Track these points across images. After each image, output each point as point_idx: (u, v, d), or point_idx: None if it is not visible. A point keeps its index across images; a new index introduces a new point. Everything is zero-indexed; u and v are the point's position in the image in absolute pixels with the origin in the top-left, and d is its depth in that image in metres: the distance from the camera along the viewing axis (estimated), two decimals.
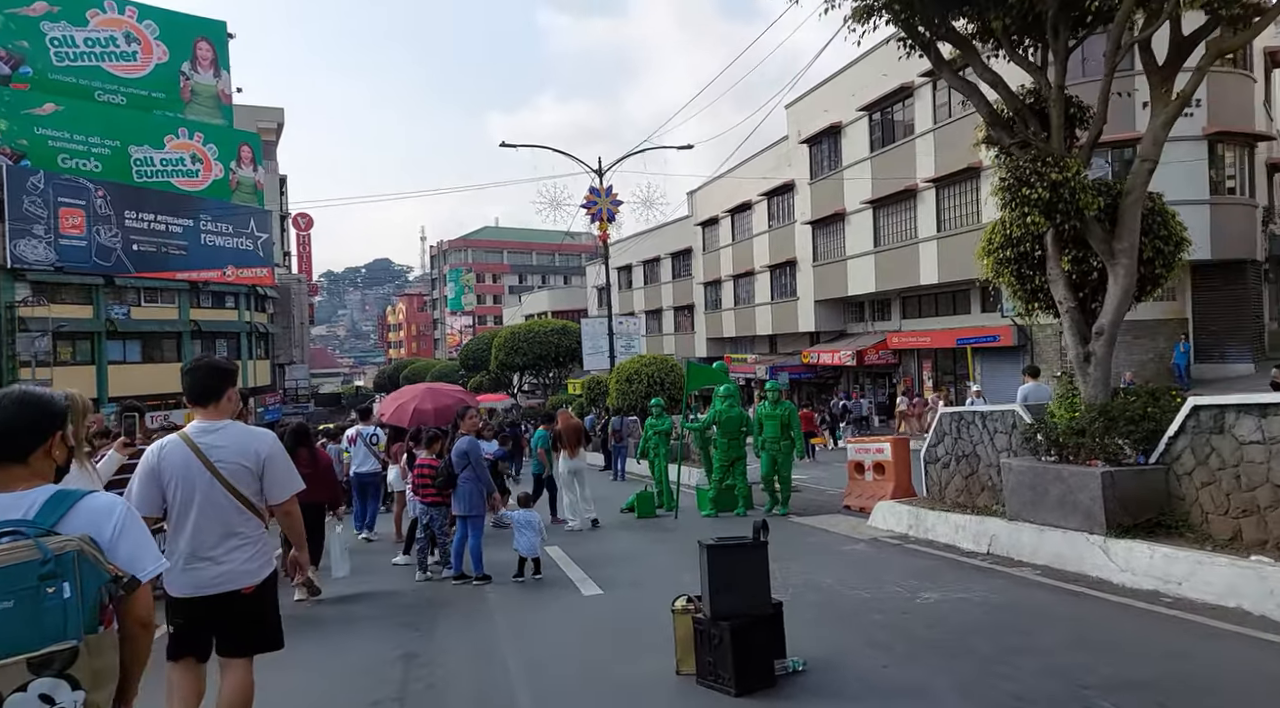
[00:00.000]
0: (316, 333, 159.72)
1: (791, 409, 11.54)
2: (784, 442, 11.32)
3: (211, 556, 3.38)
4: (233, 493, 3.43)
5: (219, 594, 3.36)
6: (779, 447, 11.31)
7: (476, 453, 8.33)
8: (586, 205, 24.91)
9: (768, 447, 11.33)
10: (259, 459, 3.52)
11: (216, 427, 3.51)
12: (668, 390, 20.74)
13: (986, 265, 7.78)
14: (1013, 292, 7.55)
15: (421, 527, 8.80)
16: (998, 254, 7.48)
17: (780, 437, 11.30)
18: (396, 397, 10.66)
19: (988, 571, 7.08)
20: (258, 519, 3.52)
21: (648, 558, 9.02)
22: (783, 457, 11.35)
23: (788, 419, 11.37)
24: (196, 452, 3.42)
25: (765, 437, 11.34)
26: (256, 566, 3.47)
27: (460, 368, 51.97)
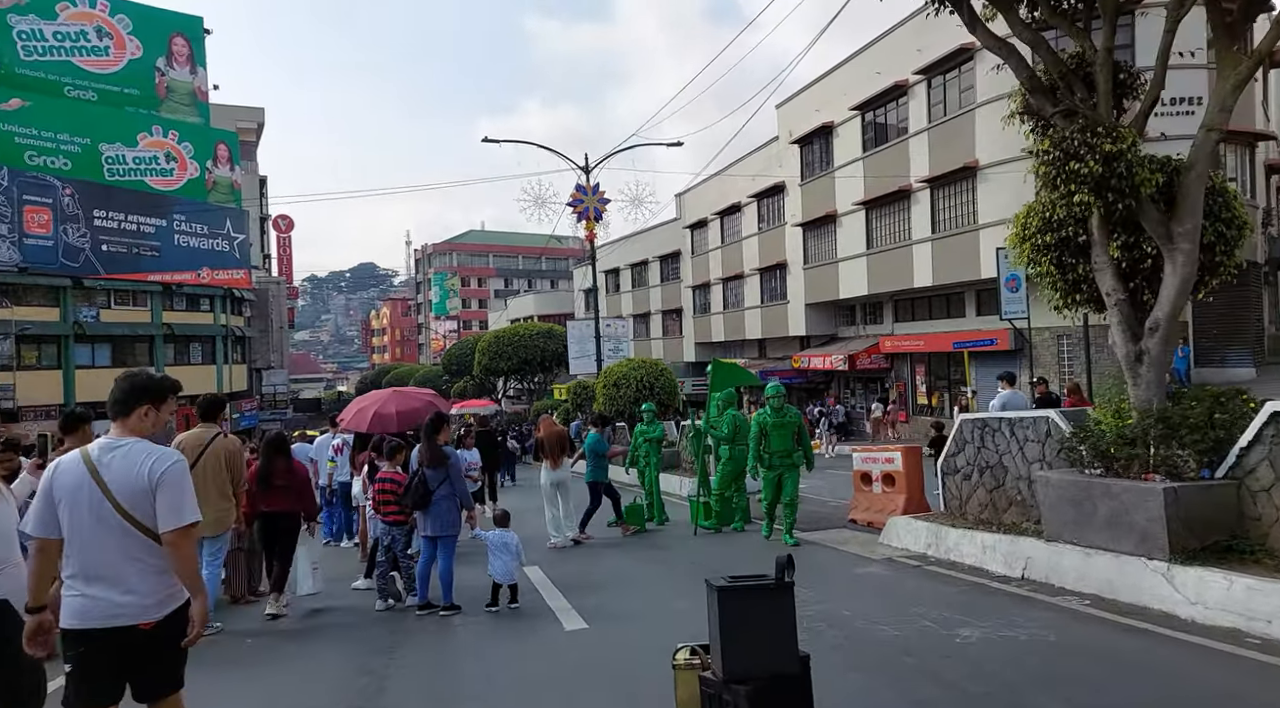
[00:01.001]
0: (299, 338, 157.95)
1: (798, 417, 9.76)
2: (795, 455, 9.53)
3: (105, 583, 3.07)
4: (125, 517, 3.11)
5: (113, 628, 3.04)
6: (787, 463, 9.46)
7: (456, 466, 7.39)
8: (573, 203, 24.00)
9: (774, 463, 9.45)
10: (151, 479, 3.14)
11: (118, 444, 3.21)
12: (657, 395, 19.83)
13: (1021, 253, 6.92)
14: (1052, 282, 6.69)
15: (382, 549, 7.84)
16: (1035, 240, 6.62)
17: (790, 450, 9.48)
18: (358, 402, 9.71)
19: (1027, 600, 6.20)
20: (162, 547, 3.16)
21: (638, 582, 8.09)
22: (791, 475, 9.51)
23: (797, 430, 9.60)
24: (92, 471, 3.14)
25: (771, 450, 9.45)
26: (156, 600, 3.13)
27: (444, 373, 50.85)
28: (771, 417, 9.50)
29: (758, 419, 9.59)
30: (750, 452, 9.69)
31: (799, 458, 9.54)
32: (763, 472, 9.62)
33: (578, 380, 27.43)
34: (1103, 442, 5.99)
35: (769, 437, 9.46)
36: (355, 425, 9.28)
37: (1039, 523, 7.37)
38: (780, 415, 9.51)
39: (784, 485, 9.48)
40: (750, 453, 9.69)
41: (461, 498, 7.38)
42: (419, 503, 7.26)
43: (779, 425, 9.45)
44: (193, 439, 6.87)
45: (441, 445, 7.32)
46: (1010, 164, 24.46)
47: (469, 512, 7.49)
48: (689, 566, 8.64)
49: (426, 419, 7.44)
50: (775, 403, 9.58)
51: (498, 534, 7.42)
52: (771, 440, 9.44)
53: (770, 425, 9.45)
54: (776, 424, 9.45)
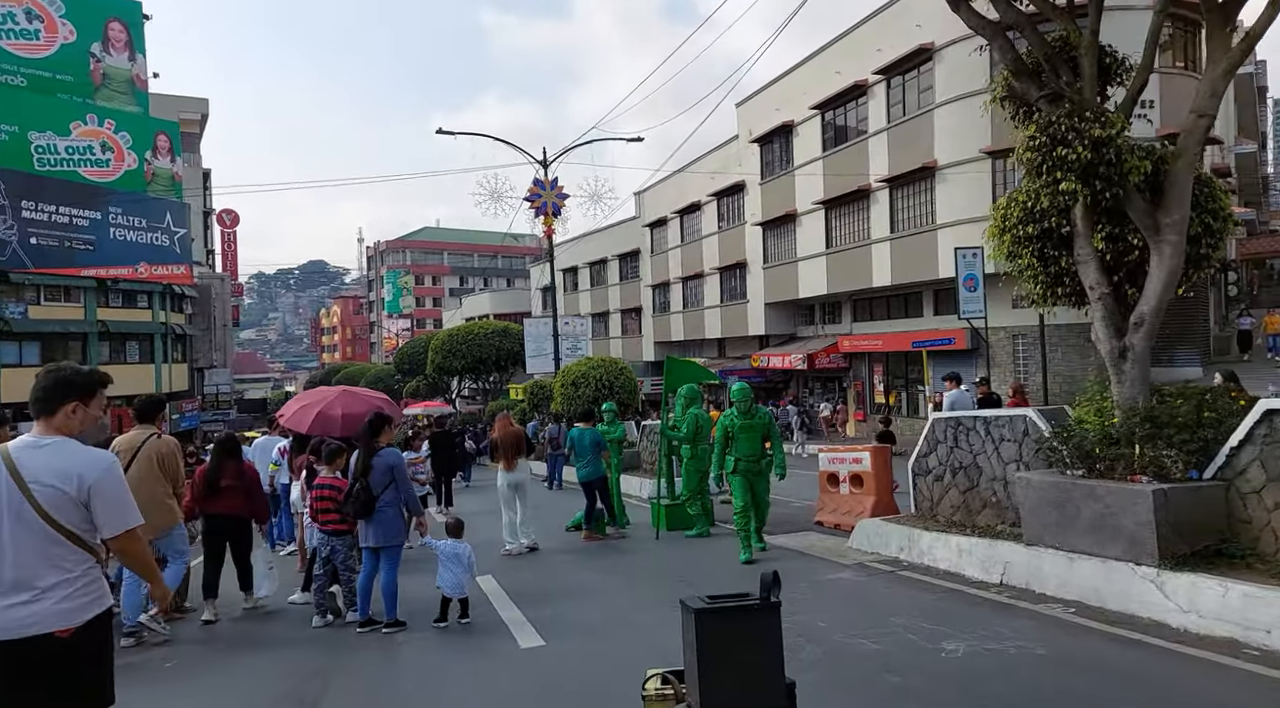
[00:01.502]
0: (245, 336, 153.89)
1: (768, 417, 8.96)
2: (764, 461, 8.72)
3: (21, 588, 2.87)
4: (46, 519, 2.91)
5: (29, 638, 2.83)
6: (757, 468, 8.67)
7: (402, 469, 6.85)
8: (530, 199, 23.39)
9: (741, 468, 8.62)
10: (81, 485, 2.95)
11: (42, 443, 3.02)
12: (617, 394, 19.36)
13: (1000, 246, 6.63)
14: (1033, 276, 6.41)
15: (321, 560, 7.25)
16: (1015, 231, 6.33)
17: (759, 454, 8.67)
18: (302, 398, 9.03)
19: (1009, 608, 5.89)
20: (85, 552, 2.99)
21: (598, 592, 7.63)
22: (761, 482, 8.76)
23: (767, 431, 8.82)
24: (11, 469, 2.93)
25: (739, 454, 8.62)
26: (75, 605, 2.93)
27: (396, 372, 49.69)
28: (739, 418, 8.73)
29: (724, 422, 8.81)
30: (715, 457, 8.88)
31: (768, 465, 8.76)
32: (730, 478, 8.72)
33: (534, 380, 26.83)
34: (1086, 441, 5.72)
35: (736, 440, 8.67)
36: (295, 425, 8.62)
37: (1015, 525, 7.11)
38: (748, 417, 8.75)
39: (756, 490, 8.70)
40: (715, 459, 8.87)
41: (408, 503, 6.86)
42: (361, 511, 6.70)
43: (747, 428, 8.68)
44: (126, 442, 6.71)
45: (377, 450, 6.77)
46: (968, 165, 24.59)
47: (418, 518, 6.96)
48: (652, 574, 8.22)
49: (368, 420, 6.88)
50: (742, 404, 8.82)
51: (449, 544, 6.90)
52: (739, 444, 8.66)
53: (737, 428, 8.68)
54: (745, 427, 8.68)
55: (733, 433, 8.69)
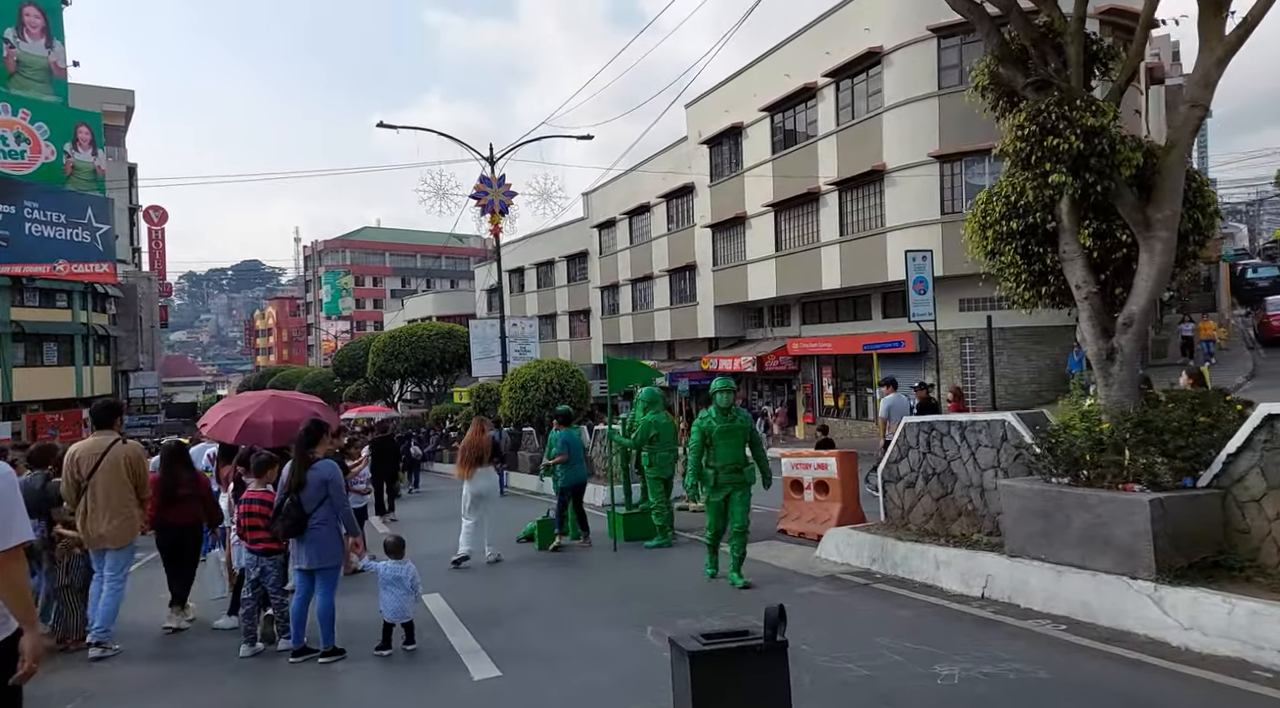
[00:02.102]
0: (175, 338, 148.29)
1: (749, 421, 7.62)
2: (747, 470, 7.36)
3: None
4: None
5: None
6: (737, 480, 7.30)
7: (339, 483, 6.21)
8: (477, 196, 22.65)
9: (720, 481, 7.29)
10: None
11: None
12: (569, 398, 18.79)
13: (980, 243, 6.32)
14: (1015, 274, 6.13)
15: (249, 582, 6.57)
16: (998, 226, 6.03)
17: (741, 463, 7.33)
18: (228, 404, 8.25)
19: (996, 625, 5.57)
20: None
21: (558, 613, 7.10)
22: (741, 495, 7.36)
23: (750, 436, 7.49)
24: None
25: (717, 464, 7.27)
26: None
27: (335, 375, 48.11)
28: (718, 421, 7.38)
29: (700, 426, 7.41)
30: (690, 467, 7.48)
31: (751, 473, 7.38)
32: (705, 492, 7.42)
33: (480, 383, 26.06)
34: (1076, 448, 5.43)
35: (714, 446, 7.32)
36: (220, 434, 7.85)
37: (992, 535, 6.83)
38: (728, 418, 7.39)
39: (732, 509, 7.38)
40: (690, 469, 7.47)
41: (344, 521, 6.22)
42: (292, 530, 6.05)
43: (727, 432, 7.31)
44: (88, 448, 6.50)
45: (313, 461, 6.14)
46: (918, 168, 24.75)
47: (354, 538, 6.33)
48: (616, 591, 7.71)
49: (301, 428, 6.23)
50: (722, 401, 7.46)
51: (389, 566, 6.30)
52: (718, 451, 7.30)
53: (716, 432, 7.30)
54: (724, 430, 7.31)
55: (711, 438, 7.35)
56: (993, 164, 24.22)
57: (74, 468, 6.40)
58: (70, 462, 6.46)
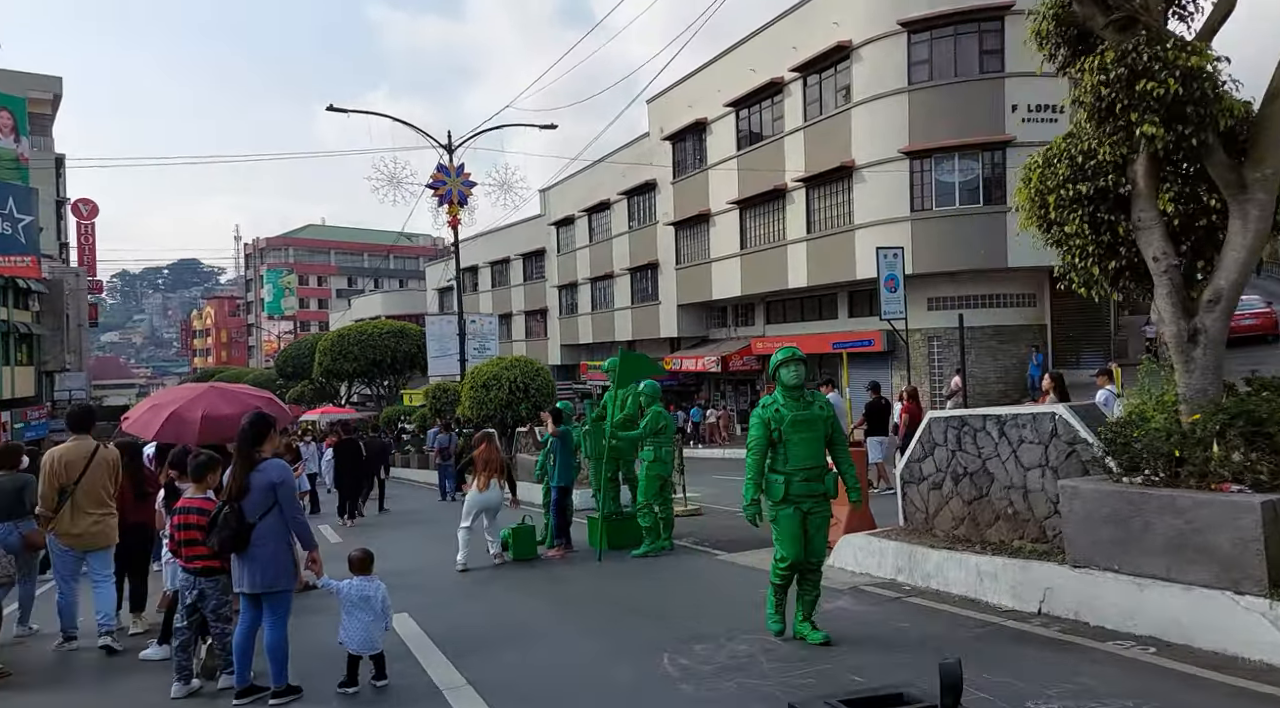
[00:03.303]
0: (106, 339, 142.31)
1: (831, 409, 5.46)
2: (830, 477, 5.32)
3: None
4: None
5: None
6: (819, 490, 5.25)
7: (290, 488, 5.19)
8: (434, 186, 21.51)
9: (794, 491, 5.17)
10: None
11: None
12: (533, 397, 17.79)
13: (1035, 211, 5.57)
14: (1080, 247, 5.41)
15: (184, 608, 5.51)
16: (1063, 190, 5.31)
17: (823, 467, 5.27)
18: (156, 397, 7.14)
19: (1071, 648, 4.83)
20: None
21: (551, 636, 6.17)
22: (821, 515, 5.32)
23: (832, 430, 5.36)
24: None
25: (791, 467, 5.17)
26: None
27: (278, 376, 46.10)
28: (788, 406, 5.19)
29: (762, 417, 5.25)
30: (749, 475, 5.33)
31: (832, 483, 5.31)
32: (773, 509, 5.27)
33: (437, 383, 24.86)
34: (1163, 443, 4.74)
35: (786, 444, 5.15)
36: (140, 430, 6.72)
37: (1038, 541, 6.13)
38: (802, 404, 5.22)
39: (811, 535, 5.24)
40: (748, 478, 5.33)
41: (298, 532, 5.21)
42: (231, 543, 5.03)
43: (803, 422, 5.15)
44: (74, 451, 6.52)
45: (257, 462, 5.12)
46: (887, 164, 24.37)
47: (309, 553, 5.30)
48: (611, 608, 6.82)
49: (244, 422, 5.21)
50: (792, 376, 5.23)
51: (355, 584, 5.30)
52: (789, 450, 5.14)
53: (788, 424, 5.13)
54: (798, 420, 5.14)
55: (780, 433, 5.17)
56: (962, 161, 24.05)
57: (60, 471, 6.46)
58: (55, 465, 6.50)
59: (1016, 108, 22.99)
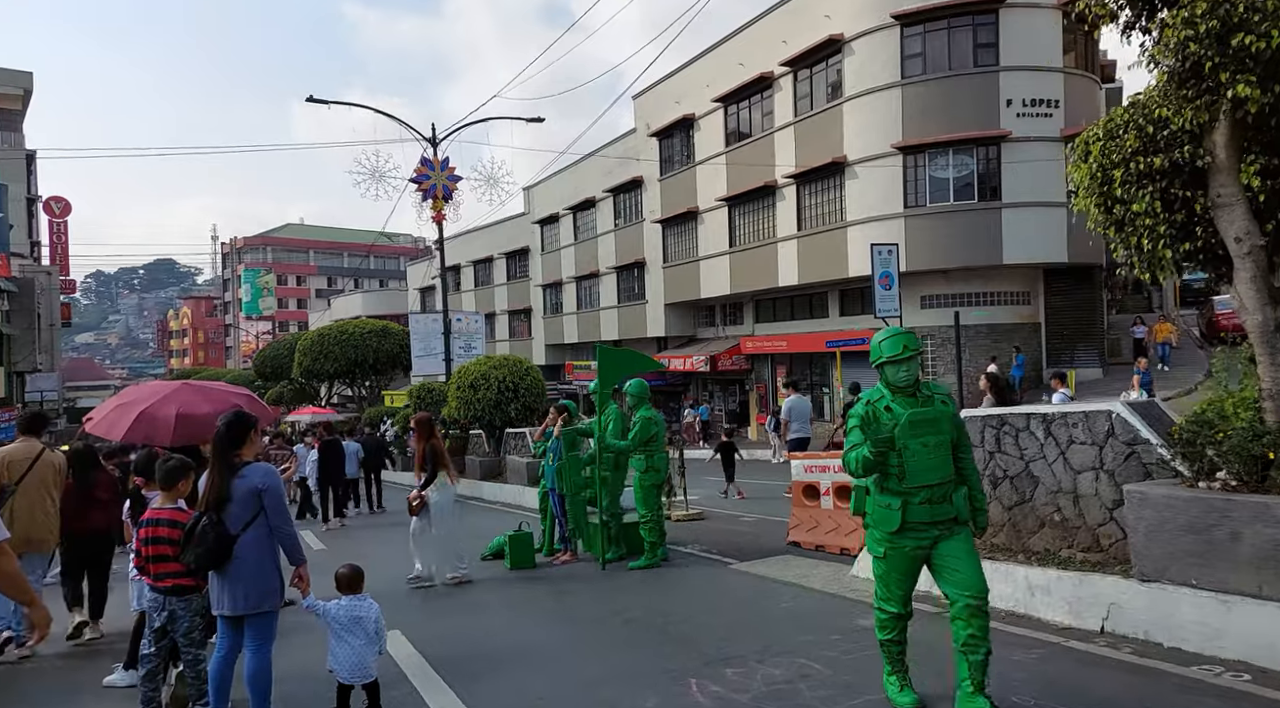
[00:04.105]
0: (80, 340, 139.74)
1: (953, 407, 4.18)
2: (959, 494, 4.07)
3: None
4: None
5: None
6: (947, 512, 4.01)
7: (277, 494, 4.60)
8: (418, 179, 20.84)
9: (914, 515, 3.97)
10: None
11: None
12: (522, 397, 17.19)
13: (1095, 190, 5.07)
14: (1147, 227, 4.91)
15: (152, 631, 4.90)
16: (1132, 164, 4.82)
17: (951, 480, 4.04)
18: (126, 394, 6.48)
19: (1152, 674, 4.34)
20: None
21: (561, 658, 5.61)
22: (960, 541, 4.03)
23: (958, 432, 4.13)
24: None
25: (912, 483, 3.95)
26: None
27: (256, 377, 45.09)
28: (900, 402, 4.06)
29: (864, 413, 4.07)
30: (855, 494, 4.26)
31: (962, 502, 4.05)
32: (882, 542, 4.08)
33: (421, 383, 24.17)
34: (1251, 443, 4.27)
35: (902, 452, 3.96)
36: (105, 431, 6.08)
37: (1089, 550, 5.65)
38: (919, 401, 4.07)
39: (946, 563, 3.99)
40: (855, 495, 4.27)
41: (285, 546, 4.62)
42: (210, 559, 4.43)
43: (923, 423, 4.00)
44: (19, 452, 6.52)
45: (239, 466, 4.54)
46: (880, 160, 23.98)
47: (297, 569, 4.72)
48: (624, 625, 6.26)
49: (221, 422, 4.61)
50: (902, 374, 4.06)
51: (345, 604, 4.73)
52: (908, 461, 3.96)
53: (905, 425, 3.97)
54: (920, 420, 4.00)
55: (893, 438, 3.94)
56: (956, 156, 23.69)
57: (3, 471, 6.40)
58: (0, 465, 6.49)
59: (1011, 102, 22.70)
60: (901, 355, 4.08)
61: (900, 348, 4.09)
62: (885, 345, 4.16)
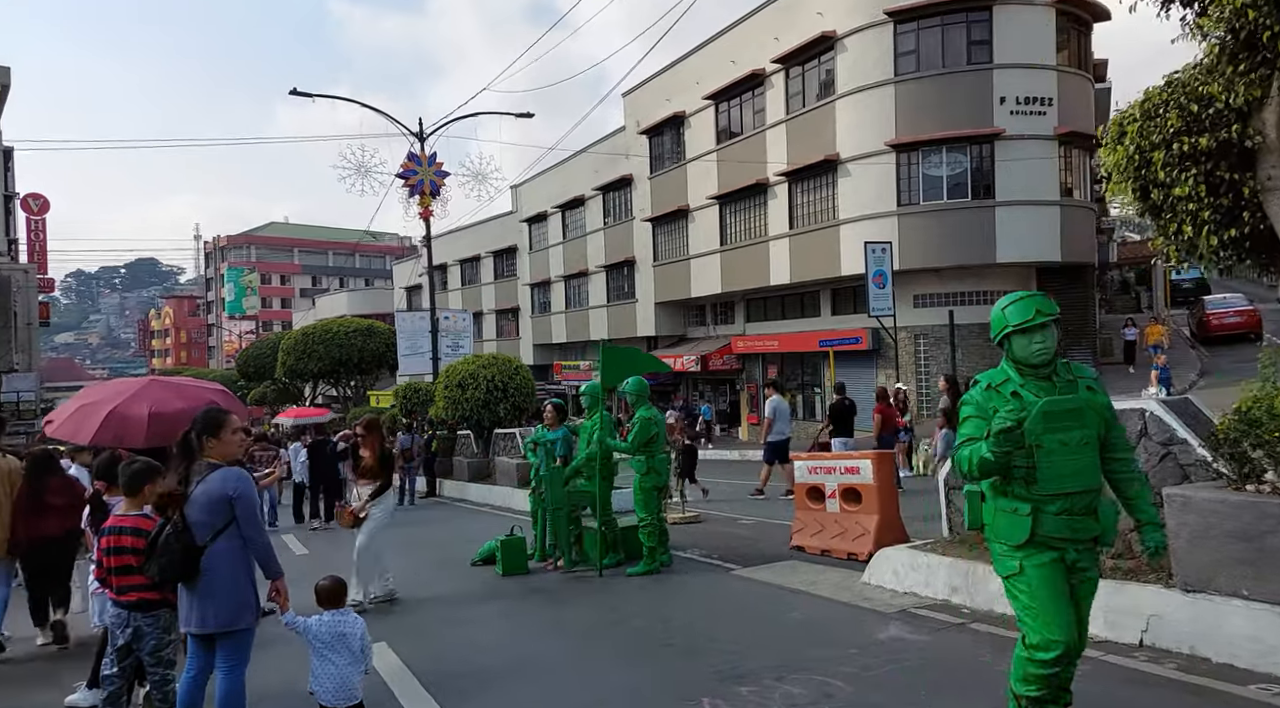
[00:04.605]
0: (61, 340, 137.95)
1: (1103, 392, 3.32)
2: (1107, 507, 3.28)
3: None
4: None
5: None
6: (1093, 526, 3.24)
7: (249, 501, 4.19)
8: (405, 175, 20.39)
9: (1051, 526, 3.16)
10: None
11: None
12: (512, 397, 16.80)
13: (1130, 173, 4.75)
14: (1190, 212, 4.59)
15: (115, 650, 4.49)
16: (1175, 145, 4.50)
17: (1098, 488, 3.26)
18: (89, 393, 6.04)
19: (1203, 693, 4.02)
20: None
21: (558, 671, 5.24)
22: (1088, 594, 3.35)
23: (1109, 429, 3.27)
24: None
25: (1050, 490, 3.15)
26: None
27: (239, 377, 44.39)
28: (1032, 386, 3.24)
29: (985, 403, 3.28)
30: (973, 493, 3.40)
31: (1110, 515, 3.28)
32: (1012, 556, 3.24)
33: (407, 382, 23.71)
34: None
35: (1042, 453, 3.14)
36: (70, 434, 5.66)
37: (1119, 558, 5.34)
38: (1060, 384, 3.24)
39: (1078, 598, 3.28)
40: (971, 498, 3.40)
41: (259, 557, 4.22)
42: (175, 571, 4.04)
43: (1065, 413, 3.15)
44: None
45: (208, 468, 4.14)
46: (873, 158, 23.73)
47: (273, 583, 4.30)
48: (628, 636, 5.89)
49: (196, 419, 4.22)
50: (1037, 351, 3.22)
51: (327, 620, 4.34)
52: (1043, 461, 3.15)
53: (1036, 414, 3.10)
54: (1060, 410, 3.14)
55: (1024, 431, 3.07)
56: (950, 154, 23.46)
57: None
58: None
59: (1005, 100, 22.50)
60: (1033, 322, 3.17)
61: (1031, 312, 3.20)
62: (1011, 311, 3.29)
